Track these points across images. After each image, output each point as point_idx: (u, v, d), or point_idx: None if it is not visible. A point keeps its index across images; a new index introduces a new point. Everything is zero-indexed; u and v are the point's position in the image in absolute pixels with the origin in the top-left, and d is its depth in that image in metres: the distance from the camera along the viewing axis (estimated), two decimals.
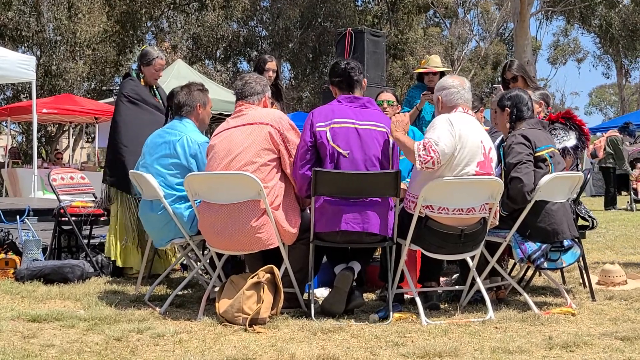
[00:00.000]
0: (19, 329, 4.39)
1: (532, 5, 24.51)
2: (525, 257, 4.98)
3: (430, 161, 4.63)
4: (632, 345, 3.98)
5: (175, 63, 18.73)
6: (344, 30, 9.31)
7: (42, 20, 25.24)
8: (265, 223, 4.73)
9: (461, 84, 4.99)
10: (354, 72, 5.05)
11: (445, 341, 4.11)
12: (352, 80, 5.04)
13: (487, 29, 44.19)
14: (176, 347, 4.00)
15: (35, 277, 5.97)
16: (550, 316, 4.69)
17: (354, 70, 5.06)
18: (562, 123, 5.68)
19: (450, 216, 4.73)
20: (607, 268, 6.03)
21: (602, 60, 46.83)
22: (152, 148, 5.41)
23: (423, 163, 4.64)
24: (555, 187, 5.00)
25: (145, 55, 6.58)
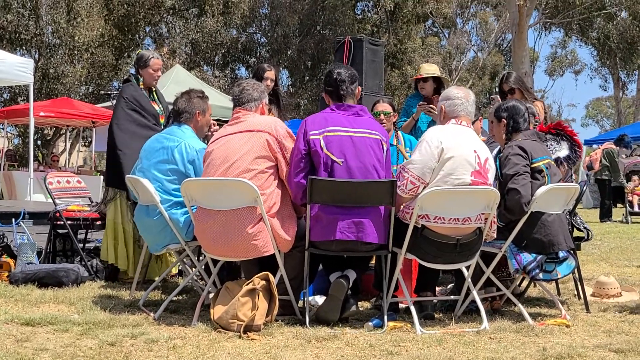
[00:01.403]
0: (13, 332, 4.37)
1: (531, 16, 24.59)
2: (520, 268, 4.99)
3: (405, 183, 4.74)
4: (626, 358, 3.98)
5: (174, 68, 18.76)
6: (343, 39, 9.32)
7: (40, 23, 25.27)
8: (262, 230, 4.73)
9: (465, 97, 5.00)
10: (343, 84, 5.03)
11: (440, 351, 4.10)
12: (339, 93, 5.03)
13: (485, 39, 44.29)
14: (170, 353, 3.99)
15: (30, 280, 5.95)
16: (545, 327, 4.69)
17: (344, 83, 5.04)
18: (553, 134, 5.69)
19: (446, 226, 4.73)
20: (602, 280, 6.03)
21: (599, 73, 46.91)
22: (150, 153, 5.41)
23: (403, 191, 4.72)
24: (551, 199, 5.01)
25: (141, 58, 6.60)
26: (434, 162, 4.72)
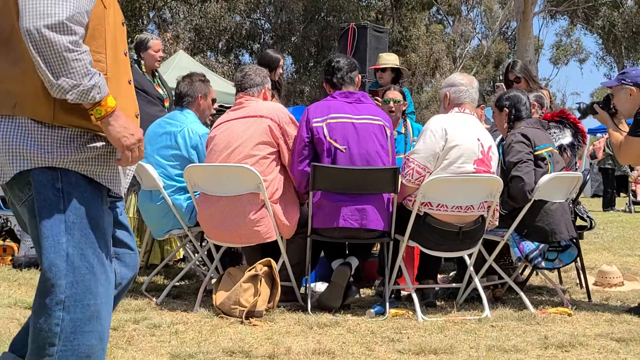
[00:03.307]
0: (16, 316, 4.39)
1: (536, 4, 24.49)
2: (522, 257, 4.99)
3: (411, 173, 4.74)
4: (628, 347, 3.99)
5: (177, 54, 18.69)
6: (347, 25, 9.31)
7: None
8: (264, 216, 4.73)
9: (470, 83, 5.00)
10: (340, 72, 5.03)
11: (441, 338, 4.11)
12: (339, 82, 5.03)
13: (490, 27, 44.17)
14: (172, 338, 4.00)
15: (33, 264, 5.98)
16: (547, 316, 4.70)
17: (341, 71, 5.04)
18: (556, 122, 5.68)
19: (449, 213, 4.74)
20: (604, 269, 6.03)
21: (604, 61, 46.79)
22: (153, 138, 5.41)
23: (409, 181, 4.75)
24: (554, 187, 5.01)
25: (140, 42, 6.61)
26: (438, 150, 4.71)
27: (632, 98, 4.92)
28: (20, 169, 2.23)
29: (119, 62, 2.40)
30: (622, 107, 5.00)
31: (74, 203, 2.26)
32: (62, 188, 2.25)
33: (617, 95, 5.02)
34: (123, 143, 2.26)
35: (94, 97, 2.18)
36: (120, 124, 2.25)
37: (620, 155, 5.05)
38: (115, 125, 2.24)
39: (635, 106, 4.90)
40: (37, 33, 2.11)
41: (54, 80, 2.13)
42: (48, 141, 2.24)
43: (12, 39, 2.25)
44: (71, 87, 2.14)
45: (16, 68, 2.22)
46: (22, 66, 2.22)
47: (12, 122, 2.23)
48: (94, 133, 2.30)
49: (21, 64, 2.22)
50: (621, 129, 5.05)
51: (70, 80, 2.14)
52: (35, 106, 2.22)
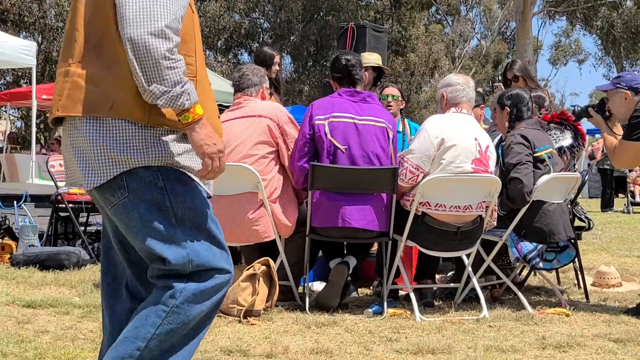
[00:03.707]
0: (14, 314, 4.39)
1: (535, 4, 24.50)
2: (520, 257, 4.99)
3: (404, 173, 4.74)
4: (625, 348, 3.99)
5: None
6: (346, 25, 9.29)
7: (44, 6, 25.21)
8: (263, 215, 4.73)
9: (466, 82, 4.99)
10: (355, 69, 5.04)
11: (439, 338, 4.11)
12: (353, 78, 5.03)
13: (489, 27, 44.18)
14: None
15: (31, 262, 5.97)
16: (544, 316, 4.70)
17: (355, 67, 5.04)
18: (557, 123, 5.69)
19: (447, 213, 4.74)
20: (602, 270, 6.04)
21: (603, 62, 46.80)
22: None
23: (402, 180, 4.73)
24: (552, 188, 5.01)
25: None
26: (432, 151, 4.71)
27: (626, 102, 4.93)
28: (119, 171, 2.27)
29: (204, 64, 2.47)
30: (616, 110, 5.01)
31: (179, 198, 2.32)
32: (165, 185, 2.30)
33: (612, 99, 5.03)
34: (205, 150, 2.28)
35: (183, 103, 2.22)
36: (205, 132, 2.28)
37: (615, 158, 5.06)
38: (200, 133, 2.27)
39: (629, 110, 4.91)
40: (140, 39, 2.16)
41: (146, 86, 2.19)
42: (144, 141, 2.28)
43: (103, 42, 2.29)
44: (162, 93, 2.19)
45: (111, 72, 2.26)
46: (117, 70, 2.26)
47: (109, 124, 2.26)
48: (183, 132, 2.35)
49: (116, 68, 2.26)
50: (615, 132, 5.06)
51: (161, 87, 2.19)
52: (131, 108, 2.26)
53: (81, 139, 2.28)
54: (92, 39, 2.29)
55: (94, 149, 2.26)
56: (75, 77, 2.28)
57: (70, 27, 2.35)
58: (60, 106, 2.30)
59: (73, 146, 2.31)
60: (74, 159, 2.32)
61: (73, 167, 2.35)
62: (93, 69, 2.28)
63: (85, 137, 2.26)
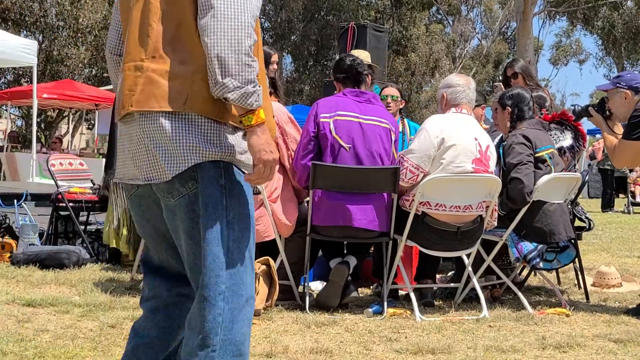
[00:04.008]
0: (14, 313, 4.39)
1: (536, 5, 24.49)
2: (521, 257, 4.99)
3: (404, 172, 4.73)
4: (625, 348, 3.99)
5: None
6: (347, 25, 9.29)
7: (44, 5, 25.21)
8: (263, 215, 4.73)
9: (467, 84, 4.99)
10: (360, 67, 5.04)
11: (439, 338, 4.11)
12: (360, 77, 5.04)
13: (490, 27, 44.17)
14: None
15: (31, 261, 5.97)
16: (544, 316, 4.70)
17: (361, 66, 5.05)
18: (557, 123, 5.69)
19: (447, 213, 4.74)
20: (603, 270, 6.03)
21: (603, 62, 46.79)
22: None
23: (402, 180, 4.73)
24: (552, 188, 5.01)
25: None
26: (432, 151, 4.71)
27: (626, 102, 4.93)
28: (194, 162, 2.28)
29: (263, 67, 2.46)
30: (617, 110, 5.01)
31: (234, 199, 2.34)
32: (225, 185, 2.32)
33: (612, 98, 5.03)
34: (261, 156, 2.27)
35: (252, 103, 2.23)
36: (265, 138, 2.28)
37: (615, 158, 5.06)
38: (261, 138, 2.27)
39: (629, 110, 4.91)
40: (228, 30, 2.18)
41: (219, 78, 2.19)
42: (216, 135, 2.29)
43: (178, 37, 2.30)
44: (234, 87, 2.19)
45: (186, 67, 2.27)
46: (191, 65, 2.27)
47: (183, 118, 2.27)
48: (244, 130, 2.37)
49: (190, 63, 2.28)
50: (615, 132, 5.06)
51: (235, 82, 2.19)
52: (205, 103, 2.27)
53: (155, 132, 2.29)
54: (166, 34, 2.31)
55: (169, 140, 2.27)
56: (149, 72, 2.29)
57: (142, 22, 2.35)
58: (134, 101, 2.30)
59: (145, 140, 2.31)
60: (141, 153, 2.33)
61: (137, 161, 2.36)
62: (168, 64, 2.29)
63: (160, 130, 2.28)
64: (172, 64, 2.28)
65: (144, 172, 2.33)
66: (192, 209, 2.31)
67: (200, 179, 2.29)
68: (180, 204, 2.33)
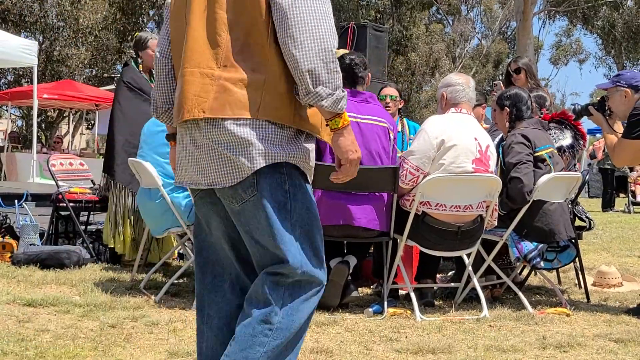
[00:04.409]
0: (14, 313, 4.39)
1: (535, 4, 24.49)
2: (521, 257, 4.99)
3: (405, 174, 4.74)
4: (626, 348, 3.99)
5: None
6: (347, 24, 9.28)
7: (45, 5, 25.21)
8: None
9: (466, 83, 4.99)
10: (358, 68, 5.04)
11: (439, 338, 4.11)
12: (356, 77, 5.03)
13: (490, 27, 44.17)
14: (170, 336, 4.00)
15: (32, 261, 5.97)
16: (545, 316, 4.70)
17: (359, 67, 5.05)
18: (556, 122, 5.69)
19: (448, 213, 4.73)
20: (603, 269, 6.03)
21: (603, 62, 46.78)
22: (149, 136, 5.41)
23: (402, 181, 4.74)
24: (553, 188, 5.01)
25: (139, 41, 6.56)
26: (432, 152, 4.71)
27: (626, 100, 4.94)
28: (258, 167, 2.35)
29: None
30: (616, 109, 5.02)
31: (298, 202, 2.44)
32: (289, 190, 2.42)
33: (612, 97, 5.03)
34: (349, 156, 2.42)
35: (342, 107, 2.36)
36: (351, 139, 2.43)
37: (615, 157, 5.06)
38: (348, 139, 2.41)
39: (629, 108, 4.91)
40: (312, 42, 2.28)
41: (311, 88, 2.30)
42: (283, 141, 2.39)
43: (247, 46, 2.37)
44: (327, 95, 2.31)
45: (258, 75, 2.36)
46: (263, 74, 2.36)
47: (254, 125, 2.35)
48: (307, 133, 2.47)
49: (262, 71, 2.36)
50: (616, 130, 5.06)
51: (327, 90, 2.31)
52: (276, 110, 2.36)
53: (224, 138, 2.35)
54: (236, 43, 2.37)
55: (238, 147, 2.34)
56: (222, 80, 2.36)
57: (209, 31, 2.40)
58: (207, 108, 2.36)
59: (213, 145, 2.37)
60: (207, 158, 2.39)
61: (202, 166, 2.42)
62: (240, 73, 2.36)
63: (230, 137, 2.35)
64: (244, 73, 2.35)
65: (209, 177, 2.40)
66: (254, 213, 2.39)
67: (261, 184, 2.37)
68: (243, 208, 2.41)
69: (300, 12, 2.28)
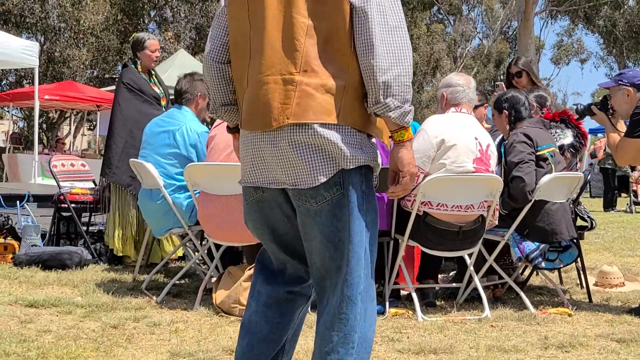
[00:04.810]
0: (16, 313, 4.40)
1: (537, 4, 24.48)
2: (523, 257, 4.98)
3: None
4: (628, 348, 3.99)
5: (178, 53, 18.70)
6: None
7: (46, 6, 25.23)
8: None
9: (467, 83, 4.98)
10: None
11: (441, 338, 4.11)
12: None
13: (491, 27, 44.16)
14: (172, 337, 4.00)
15: (34, 262, 5.98)
16: (547, 316, 4.70)
17: None
18: (557, 122, 5.69)
19: (449, 213, 4.73)
20: (605, 269, 6.03)
21: (605, 61, 46.76)
22: (151, 137, 5.41)
23: None
24: (555, 187, 5.00)
25: (137, 41, 6.56)
26: (432, 152, 4.70)
27: (629, 99, 4.94)
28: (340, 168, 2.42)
29: None
30: (619, 107, 5.02)
31: (370, 204, 2.52)
32: (365, 190, 2.49)
33: (614, 96, 5.03)
34: (410, 169, 2.48)
35: (408, 121, 2.44)
36: (412, 153, 2.51)
37: (617, 156, 5.06)
38: (410, 152, 2.49)
39: (631, 107, 4.91)
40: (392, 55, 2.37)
41: (381, 98, 2.37)
42: (361, 144, 2.45)
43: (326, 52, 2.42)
44: (395, 107, 2.39)
45: (337, 81, 2.41)
46: (342, 80, 2.41)
47: (335, 129, 2.40)
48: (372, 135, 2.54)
49: (341, 77, 2.41)
50: (619, 129, 5.06)
51: (396, 102, 2.38)
52: (353, 115, 2.43)
53: (308, 141, 2.40)
54: (315, 49, 2.42)
55: (320, 149, 2.40)
56: (303, 85, 2.40)
57: (286, 36, 2.43)
58: (291, 114, 2.40)
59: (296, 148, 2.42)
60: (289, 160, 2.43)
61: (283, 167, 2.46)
62: (320, 78, 2.40)
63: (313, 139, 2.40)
64: (324, 78, 2.41)
65: (291, 177, 2.45)
66: (334, 213, 2.45)
67: (345, 184, 2.44)
68: (322, 208, 2.45)
69: (383, 23, 2.36)
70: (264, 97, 2.44)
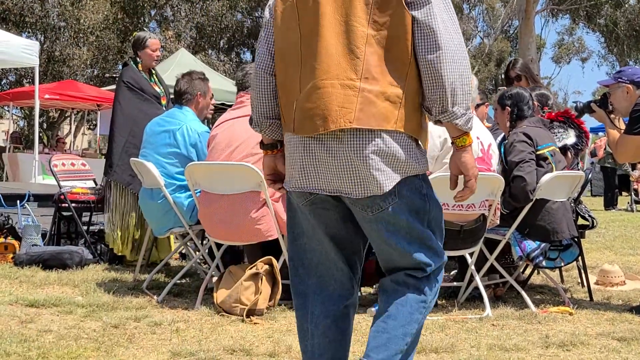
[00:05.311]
0: (17, 313, 4.39)
1: (538, 3, 24.46)
2: (524, 255, 4.98)
3: None
4: (629, 346, 3.98)
5: (179, 52, 18.70)
6: None
7: (46, 5, 25.24)
8: (265, 214, 4.72)
9: None
10: None
11: (442, 337, 4.11)
12: None
13: (492, 25, 44.15)
14: (173, 336, 4.00)
15: (34, 262, 5.98)
16: (548, 315, 4.69)
17: None
18: (560, 122, 5.68)
19: (450, 212, 4.72)
20: (606, 268, 6.02)
21: (606, 60, 46.73)
22: (151, 136, 5.41)
23: None
24: (556, 186, 5.00)
25: (138, 40, 6.55)
26: (436, 152, 4.70)
27: (628, 96, 4.93)
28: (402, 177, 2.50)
29: None
30: (619, 105, 5.01)
31: (433, 203, 2.65)
32: (427, 193, 2.61)
33: (614, 93, 5.03)
34: (474, 172, 2.61)
35: (471, 127, 2.56)
36: (473, 156, 2.63)
37: (617, 153, 5.06)
38: (472, 155, 2.61)
39: (631, 104, 4.91)
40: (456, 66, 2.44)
41: (449, 107, 2.46)
42: (417, 151, 2.55)
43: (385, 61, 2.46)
44: (461, 115, 2.49)
45: (396, 89, 2.46)
46: (400, 89, 2.47)
47: (394, 136, 2.47)
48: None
49: (399, 86, 2.47)
50: (618, 126, 5.06)
51: (461, 109, 2.48)
52: (410, 123, 2.50)
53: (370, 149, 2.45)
54: (375, 57, 2.46)
55: (383, 158, 2.46)
56: (365, 92, 2.44)
57: (346, 43, 2.47)
58: (354, 119, 2.43)
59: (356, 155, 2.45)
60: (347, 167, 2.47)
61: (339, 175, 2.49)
62: (380, 86, 2.45)
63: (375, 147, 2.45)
64: (384, 86, 2.46)
65: (346, 185, 2.49)
66: (389, 221, 2.52)
67: (403, 192, 2.51)
68: (380, 217, 2.51)
69: (448, 33, 2.43)
70: (320, 100, 2.46)
